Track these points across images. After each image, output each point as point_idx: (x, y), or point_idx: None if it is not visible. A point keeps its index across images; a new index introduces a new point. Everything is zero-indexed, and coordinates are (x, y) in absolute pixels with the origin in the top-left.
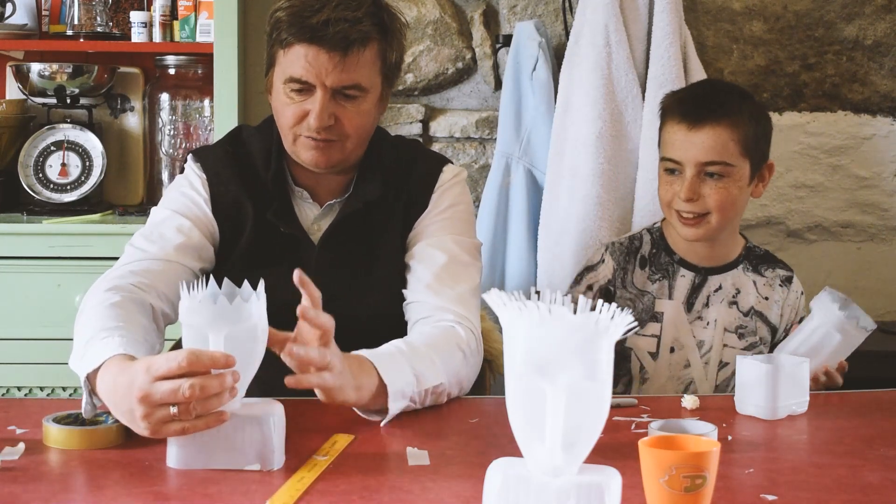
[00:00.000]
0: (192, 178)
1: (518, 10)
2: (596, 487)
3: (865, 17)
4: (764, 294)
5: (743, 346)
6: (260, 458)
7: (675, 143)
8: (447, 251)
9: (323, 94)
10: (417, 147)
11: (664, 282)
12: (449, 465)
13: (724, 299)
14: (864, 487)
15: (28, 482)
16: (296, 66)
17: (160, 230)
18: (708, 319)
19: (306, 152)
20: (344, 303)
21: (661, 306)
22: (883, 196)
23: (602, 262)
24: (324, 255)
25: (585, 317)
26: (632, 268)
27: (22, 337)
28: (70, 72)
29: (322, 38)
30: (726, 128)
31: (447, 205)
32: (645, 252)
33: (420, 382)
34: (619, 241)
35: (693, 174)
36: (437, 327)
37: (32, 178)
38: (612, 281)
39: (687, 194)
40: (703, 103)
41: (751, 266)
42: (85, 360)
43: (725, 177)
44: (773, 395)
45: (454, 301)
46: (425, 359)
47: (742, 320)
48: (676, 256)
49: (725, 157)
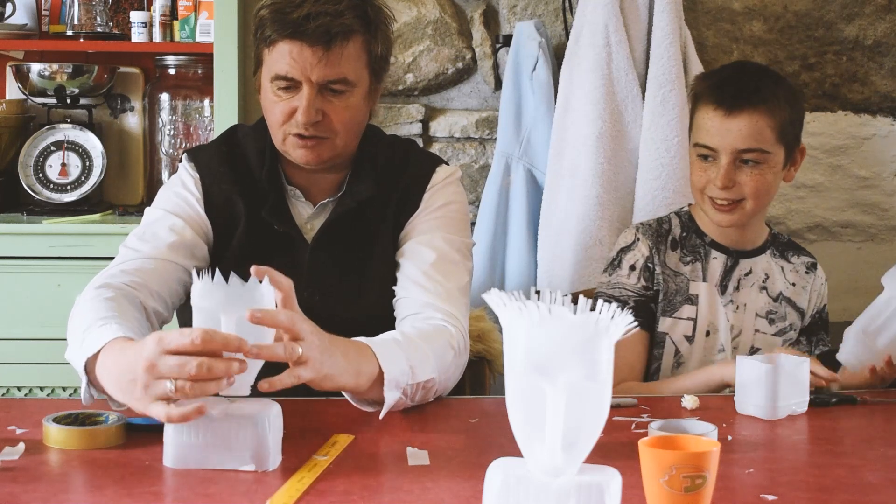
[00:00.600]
0: (185, 178)
1: (518, 10)
2: (596, 487)
3: (865, 17)
4: (791, 280)
5: (773, 331)
6: (255, 459)
7: (711, 130)
8: (436, 249)
9: (309, 90)
10: (412, 147)
11: (697, 264)
12: (449, 465)
13: (755, 283)
14: (864, 487)
15: (28, 482)
16: (281, 63)
17: (153, 229)
18: (738, 303)
19: (296, 151)
20: (338, 302)
21: (695, 289)
22: (883, 196)
23: (637, 240)
24: (317, 253)
25: (585, 317)
26: (664, 248)
27: (22, 337)
28: (70, 72)
29: (304, 32)
30: (763, 114)
31: (439, 204)
32: (675, 235)
33: (414, 375)
34: (647, 223)
35: (729, 161)
36: (429, 324)
37: (32, 178)
38: (649, 258)
39: (724, 182)
40: (740, 89)
41: (777, 252)
42: (84, 347)
43: (761, 163)
44: (772, 395)
45: (443, 299)
46: (420, 352)
47: (772, 305)
48: (708, 238)
49: (762, 144)
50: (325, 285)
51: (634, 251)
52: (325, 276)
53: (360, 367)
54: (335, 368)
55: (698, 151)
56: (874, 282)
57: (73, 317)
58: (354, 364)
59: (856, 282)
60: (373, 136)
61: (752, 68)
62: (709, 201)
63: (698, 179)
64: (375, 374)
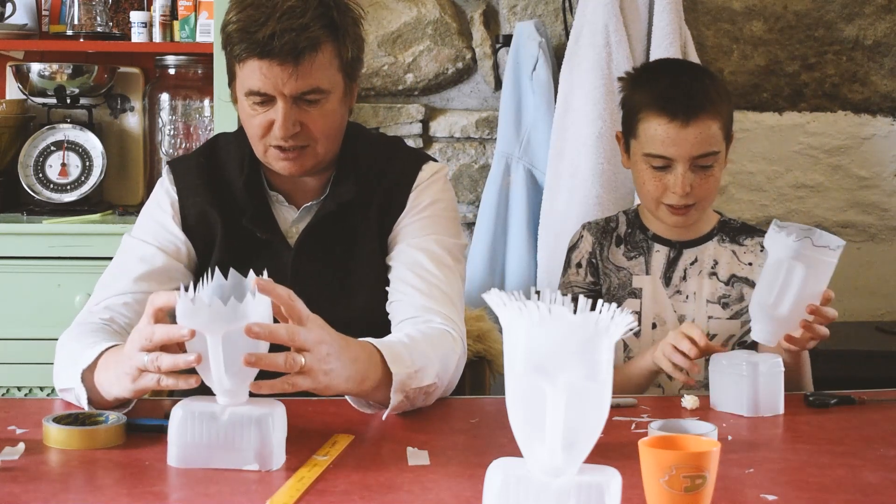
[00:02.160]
0: (160, 196)
1: (518, 10)
2: (596, 487)
3: (865, 17)
4: (747, 261)
5: (728, 315)
6: (259, 458)
7: (666, 141)
8: (430, 252)
9: (284, 104)
10: (397, 145)
11: (640, 258)
12: (449, 465)
13: (703, 271)
14: (864, 487)
15: (28, 482)
16: (253, 80)
17: (123, 262)
18: (687, 293)
19: (278, 163)
20: (323, 305)
21: (638, 282)
22: (883, 196)
23: (581, 237)
24: (300, 258)
25: (585, 317)
26: (608, 244)
27: (22, 337)
28: (70, 72)
29: (271, 51)
30: (713, 117)
31: (426, 203)
32: (621, 232)
33: (419, 379)
34: (595, 221)
35: (686, 168)
36: (431, 328)
37: (32, 178)
38: (592, 253)
39: (684, 189)
40: (690, 97)
41: (727, 237)
42: (78, 366)
43: (713, 164)
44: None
45: (440, 303)
46: (425, 356)
47: (724, 289)
48: (650, 233)
49: (714, 146)
50: (309, 289)
51: (580, 248)
52: (309, 279)
53: (368, 372)
54: (339, 377)
55: (651, 162)
56: (874, 282)
57: (60, 355)
58: (362, 371)
59: (856, 282)
60: (356, 135)
61: (690, 74)
62: (665, 208)
63: (653, 189)
64: (380, 378)
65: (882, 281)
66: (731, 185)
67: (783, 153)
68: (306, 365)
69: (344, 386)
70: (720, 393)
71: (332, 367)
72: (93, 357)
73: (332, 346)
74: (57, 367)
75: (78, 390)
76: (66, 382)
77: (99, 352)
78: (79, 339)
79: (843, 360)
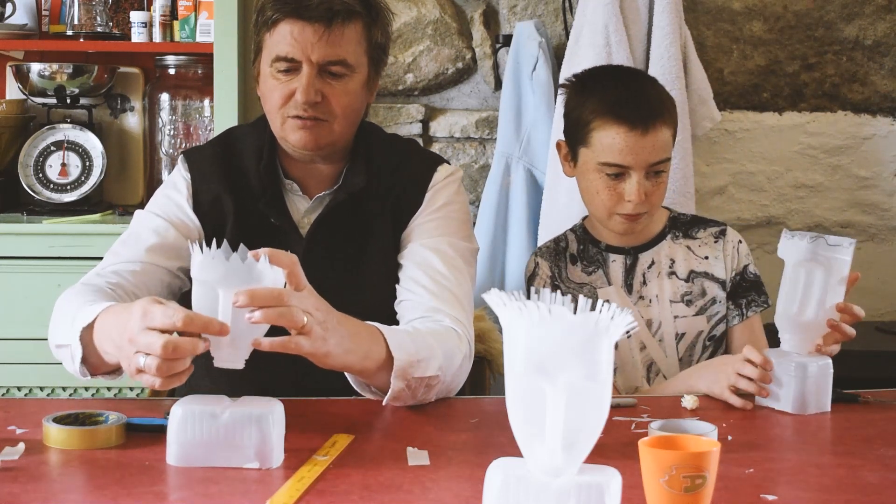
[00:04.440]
0: (177, 178)
1: (518, 10)
2: (596, 487)
3: (865, 17)
4: (703, 254)
5: (693, 312)
6: (259, 457)
7: (624, 150)
8: (442, 254)
9: (309, 70)
10: (413, 146)
11: (599, 271)
12: (449, 465)
13: (661, 272)
14: (864, 487)
15: (28, 482)
16: (282, 45)
17: (136, 232)
18: (649, 296)
19: (294, 133)
20: (333, 295)
21: (603, 294)
22: (883, 196)
23: (537, 265)
24: (312, 247)
25: (585, 317)
26: (564, 265)
27: (22, 337)
28: (70, 72)
29: (306, 8)
30: (667, 124)
31: (441, 203)
32: (573, 250)
33: (421, 368)
34: (544, 246)
35: (641, 176)
36: (440, 325)
37: (32, 178)
38: (553, 277)
39: (639, 197)
40: (647, 105)
41: (680, 233)
42: (77, 322)
43: (664, 171)
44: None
45: (450, 305)
46: (430, 348)
47: (685, 287)
48: (603, 244)
49: (667, 153)
50: (320, 278)
51: (539, 276)
52: (320, 269)
53: (370, 349)
54: (340, 347)
55: (606, 170)
56: (874, 282)
57: (57, 313)
58: (364, 347)
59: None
60: (372, 131)
61: (633, 76)
62: (618, 218)
63: (607, 198)
64: (383, 359)
65: (882, 281)
66: (731, 185)
67: (783, 153)
68: (307, 325)
69: (344, 358)
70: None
71: (329, 333)
72: (93, 315)
73: (329, 316)
74: (54, 324)
75: (74, 348)
76: (63, 339)
77: (99, 310)
78: (81, 296)
79: (843, 360)
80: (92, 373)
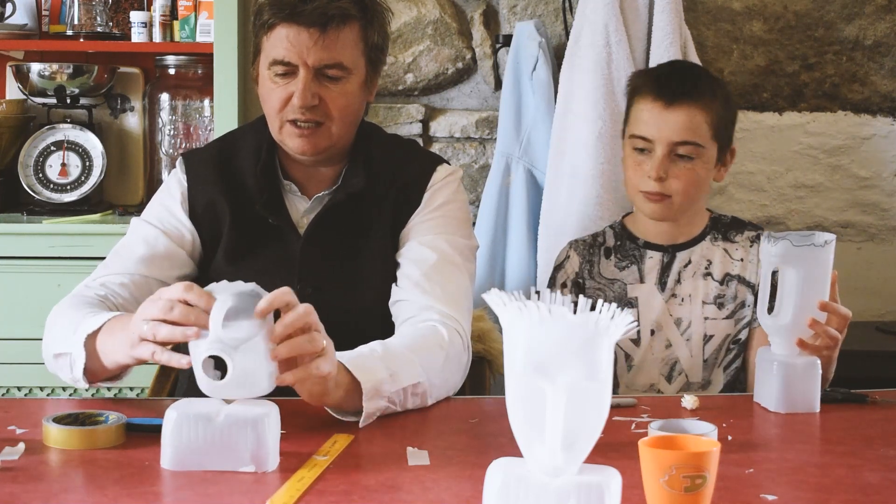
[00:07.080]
0: (172, 183)
1: (518, 10)
2: (596, 487)
3: (865, 17)
4: (739, 257)
5: (724, 315)
6: (254, 460)
7: (649, 121)
8: (438, 251)
9: (306, 73)
10: (413, 146)
11: (633, 267)
12: (449, 465)
13: (696, 273)
14: (864, 487)
15: (28, 482)
16: (278, 48)
17: (128, 243)
18: (682, 296)
19: (292, 140)
20: (331, 294)
21: (634, 291)
22: (883, 196)
23: (567, 258)
24: (309, 246)
25: (585, 317)
26: (597, 259)
27: (22, 337)
28: (70, 72)
29: (300, 13)
30: (700, 109)
31: (439, 203)
32: (609, 244)
33: (396, 381)
34: (581, 239)
35: (664, 153)
36: (418, 328)
37: (32, 178)
38: (579, 273)
39: (657, 173)
40: (680, 83)
41: (719, 235)
42: (80, 331)
43: (695, 158)
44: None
45: (441, 301)
46: (401, 358)
47: (719, 289)
48: (641, 241)
49: (696, 138)
50: (317, 278)
51: (565, 268)
52: (318, 269)
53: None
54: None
55: (634, 144)
56: (874, 282)
57: (55, 319)
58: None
59: (856, 282)
60: (372, 132)
61: (692, 67)
62: (641, 196)
63: (633, 175)
64: (346, 385)
65: (882, 281)
66: (731, 185)
67: (783, 153)
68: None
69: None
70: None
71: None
72: (99, 324)
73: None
74: (52, 334)
75: (76, 355)
76: (63, 348)
77: (105, 319)
78: (78, 309)
79: (843, 360)
80: (91, 380)
